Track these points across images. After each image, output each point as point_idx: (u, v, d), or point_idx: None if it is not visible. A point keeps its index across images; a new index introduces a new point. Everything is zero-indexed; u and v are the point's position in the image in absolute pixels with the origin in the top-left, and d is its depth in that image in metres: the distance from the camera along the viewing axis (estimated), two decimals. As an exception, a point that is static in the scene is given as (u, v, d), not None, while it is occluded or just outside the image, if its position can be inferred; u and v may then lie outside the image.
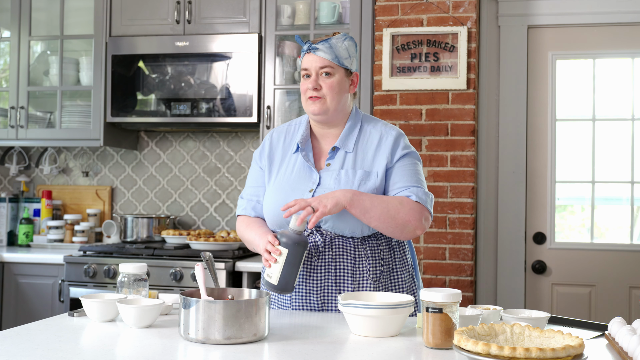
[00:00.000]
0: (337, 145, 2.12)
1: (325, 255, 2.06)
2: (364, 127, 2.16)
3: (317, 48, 2.08)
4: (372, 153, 2.12)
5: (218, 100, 3.63)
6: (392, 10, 3.50)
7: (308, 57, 2.10)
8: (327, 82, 2.08)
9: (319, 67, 2.08)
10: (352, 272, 2.06)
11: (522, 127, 3.66)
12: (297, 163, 2.14)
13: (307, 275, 2.06)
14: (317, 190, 2.07)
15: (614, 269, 3.60)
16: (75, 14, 4.00)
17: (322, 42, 2.08)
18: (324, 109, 2.09)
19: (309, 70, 2.09)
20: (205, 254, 1.87)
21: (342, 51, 2.09)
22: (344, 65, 2.10)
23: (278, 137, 2.22)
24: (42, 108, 4.06)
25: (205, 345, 1.56)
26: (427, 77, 3.44)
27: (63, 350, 1.51)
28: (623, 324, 1.63)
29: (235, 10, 3.67)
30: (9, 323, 3.54)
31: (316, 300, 2.06)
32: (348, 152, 2.12)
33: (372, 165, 2.10)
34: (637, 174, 3.64)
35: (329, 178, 2.09)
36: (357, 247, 2.07)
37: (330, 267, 2.06)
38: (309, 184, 2.09)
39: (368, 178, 2.08)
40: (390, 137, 2.13)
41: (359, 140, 2.14)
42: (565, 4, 3.64)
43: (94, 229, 4.10)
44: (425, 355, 1.53)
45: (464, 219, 3.39)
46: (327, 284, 2.06)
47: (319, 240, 2.07)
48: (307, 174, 2.11)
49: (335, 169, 2.10)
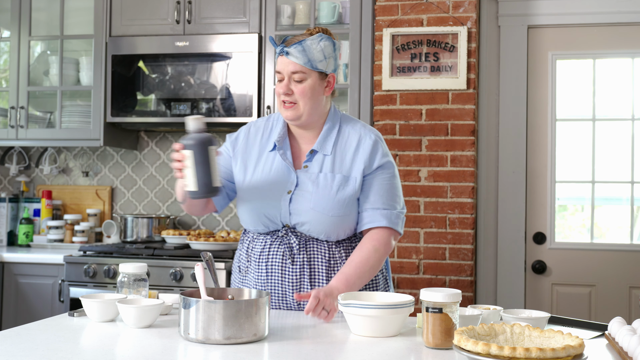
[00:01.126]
0: (315, 148, 2.10)
1: (300, 257, 2.07)
2: (342, 129, 2.13)
3: (289, 52, 2.01)
4: (350, 156, 2.09)
5: (218, 100, 3.63)
6: (392, 10, 3.50)
7: (281, 60, 2.04)
8: (298, 87, 2.03)
9: (290, 71, 2.02)
10: (327, 274, 2.07)
11: (522, 127, 3.66)
12: (274, 162, 2.11)
13: (282, 277, 2.07)
14: (294, 192, 2.06)
15: (614, 269, 3.60)
16: (75, 14, 4.00)
17: (295, 45, 2.01)
18: (297, 114, 2.05)
19: (281, 74, 2.04)
20: (205, 254, 1.87)
21: (317, 53, 2.02)
22: (318, 69, 2.03)
23: (255, 133, 2.18)
24: (42, 108, 4.06)
25: (205, 345, 1.56)
26: (427, 77, 3.44)
27: (63, 350, 1.51)
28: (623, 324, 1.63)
29: (235, 10, 3.67)
30: (9, 323, 3.54)
31: (292, 302, 2.07)
32: (326, 155, 2.09)
33: (351, 169, 2.08)
34: (637, 174, 3.64)
35: (307, 180, 2.07)
36: (331, 249, 2.08)
37: (305, 269, 2.06)
38: (287, 184, 2.07)
39: (347, 183, 2.07)
40: (369, 141, 2.11)
41: (337, 143, 2.11)
42: (565, 4, 3.64)
43: (94, 229, 4.10)
44: (425, 355, 1.53)
45: (464, 219, 3.39)
46: (302, 287, 2.07)
47: (293, 242, 2.06)
48: (285, 174, 2.08)
49: (314, 171, 2.08)
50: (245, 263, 2.17)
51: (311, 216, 2.04)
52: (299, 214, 2.05)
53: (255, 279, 2.12)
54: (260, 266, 2.10)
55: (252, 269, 2.13)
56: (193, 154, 1.85)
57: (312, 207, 2.04)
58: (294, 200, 2.05)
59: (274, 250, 2.09)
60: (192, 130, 1.88)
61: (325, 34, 2.06)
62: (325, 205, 2.04)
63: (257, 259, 2.12)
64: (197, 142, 1.86)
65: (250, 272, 2.14)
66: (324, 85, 2.07)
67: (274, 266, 2.08)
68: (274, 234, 2.10)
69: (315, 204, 2.04)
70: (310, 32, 2.06)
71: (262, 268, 2.10)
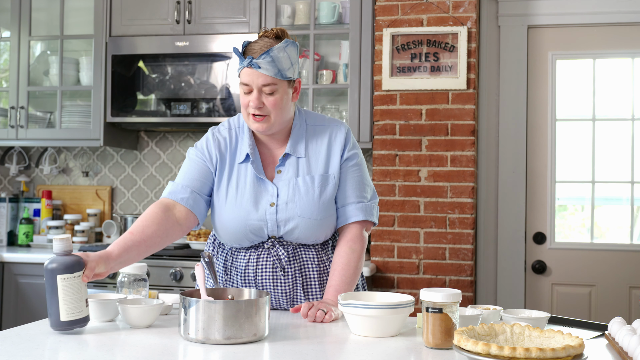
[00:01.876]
0: (288, 151, 2.03)
1: (292, 268, 2.04)
2: (310, 127, 2.08)
3: (259, 65, 1.90)
4: (324, 154, 2.05)
5: (218, 100, 3.63)
6: (392, 10, 3.50)
7: (249, 72, 1.92)
8: (270, 100, 1.93)
9: (261, 84, 1.92)
10: (319, 278, 2.07)
11: (522, 127, 3.66)
12: (248, 175, 2.02)
13: (274, 290, 2.04)
14: (278, 203, 2.00)
15: (614, 269, 3.60)
16: (75, 14, 4.00)
17: (264, 56, 1.90)
18: (268, 126, 1.96)
19: (250, 86, 1.93)
20: (205, 254, 1.87)
21: (284, 62, 1.93)
22: (287, 78, 1.95)
23: (224, 143, 2.06)
24: (42, 108, 4.06)
25: (205, 345, 1.56)
26: (427, 77, 3.44)
27: (63, 351, 1.51)
28: (623, 324, 1.63)
29: (235, 10, 3.67)
30: (9, 323, 3.54)
31: (286, 305, 2.07)
32: (300, 158, 2.03)
33: (327, 166, 2.05)
34: (637, 174, 3.64)
35: (285, 188, 2.01)
36: (319, 254, 2.07)
37: (297, 279, 2.04)
38: (268, 197, 2.01)
39: (327, 182, 2.03)
40: (341, 135, 2.07)
41: (308, 144, 2.05)
42: (565, 4, 3.64)
43: (94, 229, 4.10)
44: (425, 355, 1.53)
45: (464, 219, 3.39)
46: (295, 295, 2.06)
47: (282, 254, 2.03)
48: (263, 187, 2.01)
49: (290, 177, 2.02)
50: (223, 276, 2.10)
51: (298, 223, 2.00)
52: (286, 224, 2.00)
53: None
54: (247, 282, 2.05)
55: (235, 284, 2.07)
56: (45, 281, 1.65)
57: (300, 214, 2.00)
58: (280, 211, 2.00)
59: (262, 264, 2.03)
60: (54, 252, 1.66)
61: (282, 36, 1.98)
62: (312, 209, 2.00)
63: (241, 274, 2.05)
64: (47, 270, 1.64)
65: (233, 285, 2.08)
66: (291, 92, 2.00)
67: (265, 280, 2.03)
68: (259, 247, 2.04)
69: (302, 210, 2.00)
70: (265, 34, 1.98)
71: (251, 283, 2.05)
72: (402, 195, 3.44)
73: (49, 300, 1.64)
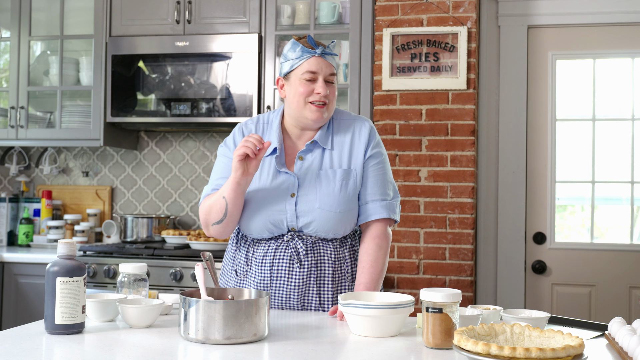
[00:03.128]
0: (317, 139, 2.08)
1: (308, 261, 2.06)
2: (336, 122, 2.14)
3: (330, 54, 2.05)
4: (347, 149, 2.10)
5: (218, 100, 3.63)
6: (392, 10, 3.50)
7: (317, 61, 2.03)
8: (332, 88, 2.05)
9: (328, 73, 2.04)
10: (332, 274, 2.08)
11: (522, 127, 3.66)
12: (272, 167, 2.08)
13: (288, 280, 2.06)
14: (298, 194, 2.04)
15: (614, 269, 3.60)
16: (75, 14, 4.00)
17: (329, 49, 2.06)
18: (327, 115, 2.07)
19: (317, 74, 2.03)
20: (205, 254, 1.87)
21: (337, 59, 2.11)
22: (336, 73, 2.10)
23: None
24: (42, 108, 4.06)
25: (205, 345, 1.56)
26: (427, 77, 3.44)
27: (63, 350, 1.51)
28: (623, 324, 1.63)
29: (235, 10, 3.67)
30: (9, 323, 3.54)
31: (296, 304, 2.07)
32: (326, 149, 2.09)
33: (350, 161, 2.09)
34: (637, 174, 3.64)
35: (307, 179, 2.06)
36: (337, 250, 2.09)
37: (312, 272, 2.06)
38: (289, 187, 2.05)
39: (349, 177, 2.07)
40: (365, 130, 2.12)
41: (334, 137, 2.11)
42: (565, 4, 3.64)
43: (94, 229, 4.10)
44: (425, 355, 1.53)
45: (464, 219, 3.39)
46: (307, 288, 2.06)
47: (300, 247, 2.05)
48: (285, 178, 2.06)
49: (313, 168, 2.07)
50: (244, 267, 2.14)
51: (318, 215, 2.03)
52: (305, 215, 2.04)
53: (257, 283, 2.09)
54: (263, 271, 2.08)
55: (252, 273, 2.11)
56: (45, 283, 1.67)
57: (319, 206, 2.03)
58: (300, 202, 2.04)
59: (280, 255, 2.07)
60: (58, 255, 1.68)
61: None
62: (332, 202, 2.04)
63: (259, 263, 2.09)
64: (48, 272, 1.66)
65: (250, 276, 2.11)
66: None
67: (280, 270, 2.06)
68: (279, 239, 2.08)
69: (321, 202, 2.03)
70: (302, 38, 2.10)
71: (266, 273, 2.07)
72: (402, 195, 3.43)
73: (47, 302, 1.65)
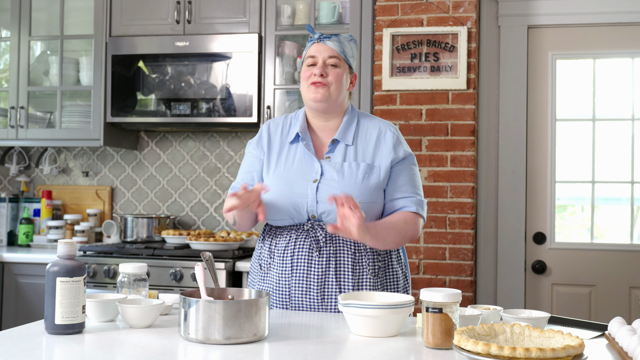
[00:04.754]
0: (337, 137, 2.15)
1: (327, 250, 2.07)
2: (361, 122, 2.20)
3: (329, 38, 2.13)
4: (372, 147, 2.15)
5: (218, 100, 3.63)
6: (392, 10, 3.50)
7: (317, 46, 2.14)
8: (333, 71, 2.12)
9: (327, 56, 2.12)
10: (352, 266, 2.08)
11: (522, 127, 3.66)
12: (297, 153, 2.15)
13: (307, 270, 2.07)
14: (320, 180, 2.08)
15: (614, 269, 3.60)
16: (75, 14, 4.00)
17: (332, 36, 2.14)
18: (326, 95, 2.11)
19: (316, 58, 2.13)
20: (205, 254, 1.87)
21: (348, 49, 2.16)
22: (349, 62, 2.16)
23: (275, 128, 2.22)
24: (42, 108, 4.06)
25: (205, 345, 1.56)
26: (427, 77, 3.44)
27: (63, 350, 1.51)
28: (623, 324, 1.63)
29: (235, 10, 3.67)
30: (9, 323, 3.54)
31: (316, 296, 2.06)
32: (348, 145, 2.14)
33: (374, 158, 2.14)
34: (637, 174, 3.64)
35: (331, 169, 2.11)
36: (356, 242, 2.09)
37: (331, 262, 2.07)
38: (312, 173, 2.10)
39: (371, 171, 2.11)
40: (390, 133, 2.18)
41: (357, 134, 2.17)
42: (565, 4, 3.64)
43: (94, 229, 4.10)
44: (425, 355, 1.53)
45: (464, 219, 3.39)
46: (327, 279, 2.06)
47: (320, 235, 2.08)
48: (309, 164, 2.12)
49: (337, 161, 2.12)
50: (268, 260, 2.16)
51: None
52: (325, 202, 2.06)
53: (279, 275, 2.10)
54: (284, 261, 2.10)
55: (275, 265, 2.13)
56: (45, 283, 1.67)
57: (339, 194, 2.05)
58: (321, 188, 2.08)
59: (300, 244, 2.09)
60: (58, 255, 1.68)
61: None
62: (352, 192, 2.06)
63: (281, 254, 2.11)
64: (48, 272, 1.65)
65: (272, 269, 2.13)
66: (349, 80, 2.18)
67: (300, 260, 2.08)
68: (299, 228, 2.10)
69: (342, 191, 2.06)
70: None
71: (287, 263, 2.09)
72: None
73: (47, 302, 1.65)
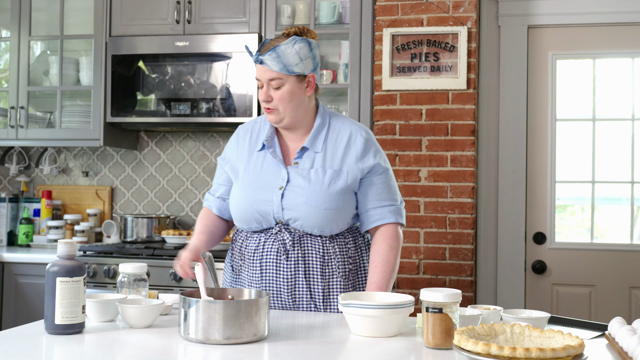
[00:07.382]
0: (306, 145, 2.13)
1: (294, 253, 2.08)
2: (332, 125, 2.17)
3: (263, 60, 2.03)
4: (341, 152, 2.13)
5: (218, 100, 3.63)
6: (392, 10, 3.50)
7: (258, 68, 2.07)
8: (277, 93, 2.05)
9: (267, 79, 2.05)
10: (321, 270, 2.09)
11: (522, 127, 3.66)
12: (265, 160, 2.14)
13: (277, 274, 2.08)
14: (286, 187, 2.08)
15: (614, 269, 3.60)
16: (75, 14, 4.00)
17: (269, 52, 2.02)
18: (279, 118, 2.09)
19: (260, 81, 2.08)
20: (205, 254, 1.87)
21: (292, 58, 2.03)
22: (294, 73, 2.04)
23: (244, 135, 2.22)
24: (42, 108, 4.06)
25: (205, 345, 1.56)
26: (427, 77, 3.44)
27: (63, 350, 1.51)
28: (623, 324, 1.63)
29: (235, 10, 3.67)
30: (9, 323, 3.54)
31: (287, 298, 2.08)
32: (317, 152, 2.12)
33: (342, 163, 2.12)
34: (637, 174, 3.64)
35: (298, 176, 2.09)
36: (325, 245, 2.10)
37: (299, 265, 2.08)
38: (278, 180, 2.10)
39: (338, 177, 2.10)
40: (360, 138, 2.14)
41: (327, 139, 2.14)
42: (565, 4, 3.64)
43: (94, 229, 4.10)
44: (425, 355, 1.53)
45: (464, 219, 3.39)
46: (297, 282, 2.08)
47: (287, 239, 2.08)
48: (276, 171, 2.11)
49: (304, 167, 2.11)
50: (239, 262, 2.18)
51: (304, 210, 2.05)
52: (291, 208, 2.06)
53: (250, 278, 2.13)
54: (254, 264, 2.11)
55: (245, 268, 2.15)
56: (45, 283, 1.67)
57: (305, 201, 2.05)
58: (286, 195, 2.07)
59: (268, 248, 2.09)
60: (58, 255, 1.68)
61: (300, 35, 2.08)
62: (318, 198, 2.05)
63: (251, 257, 2.13)
64: (48, 272, 1.65)
65: (243, 271, 2.15)
66: (304, 86, 2.09)
67: (269, 263, 2.09)
68: (268, 232, 2.11)
69: (307, 197, 2.05)
70: (287, 33, 2.08)
71: (257, 266, 2.10)
72: (402, 195, 3.43)
73: (47, 302, 1.65)
